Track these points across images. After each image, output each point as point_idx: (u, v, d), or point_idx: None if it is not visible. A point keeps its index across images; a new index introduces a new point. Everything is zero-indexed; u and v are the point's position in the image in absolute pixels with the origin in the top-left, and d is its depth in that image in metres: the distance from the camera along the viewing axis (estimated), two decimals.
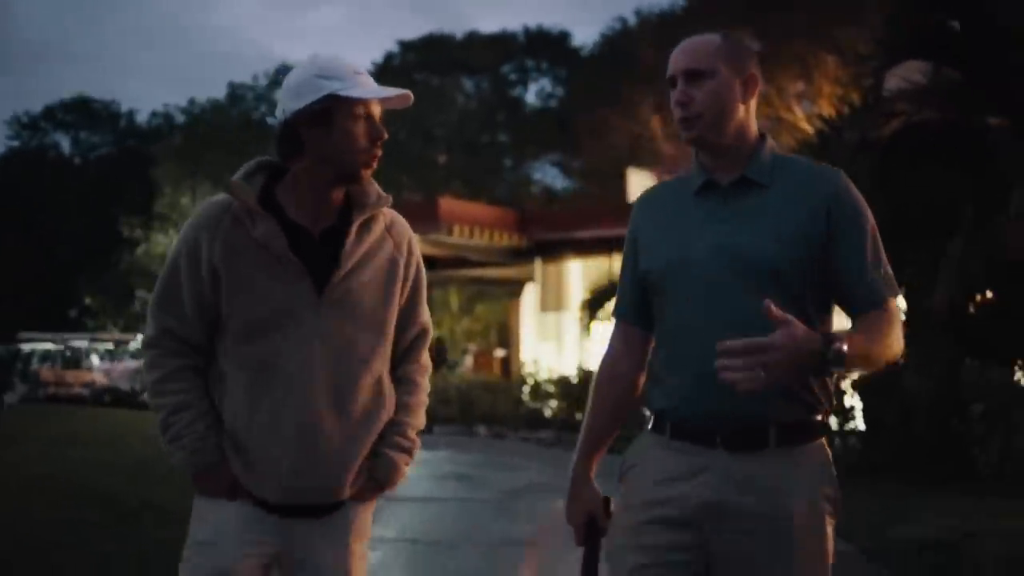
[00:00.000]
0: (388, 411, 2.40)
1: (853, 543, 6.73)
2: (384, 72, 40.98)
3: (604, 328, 16.85)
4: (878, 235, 2.20)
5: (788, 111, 30.64)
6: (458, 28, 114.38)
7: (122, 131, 51.22)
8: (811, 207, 2.17)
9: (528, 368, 18.78)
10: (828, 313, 2.24)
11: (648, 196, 2.43)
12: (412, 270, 2.45)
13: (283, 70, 41.21)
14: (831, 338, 1.97)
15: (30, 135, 50.23)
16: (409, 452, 2.42)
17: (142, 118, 52.50)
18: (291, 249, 2.29)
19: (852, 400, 11.40)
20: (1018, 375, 10.57)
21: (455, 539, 7.21)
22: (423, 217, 20.59)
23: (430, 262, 23.88)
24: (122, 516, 6.85)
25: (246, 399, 2.29)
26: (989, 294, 10.83)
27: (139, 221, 37.33)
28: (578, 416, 15.18)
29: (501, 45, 41.63)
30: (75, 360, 28.02)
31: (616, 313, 2.46)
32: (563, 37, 42.28)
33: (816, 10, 29.67)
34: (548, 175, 41.38)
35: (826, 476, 2.19)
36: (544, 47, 41.87)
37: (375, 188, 2.39)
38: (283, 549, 2.32)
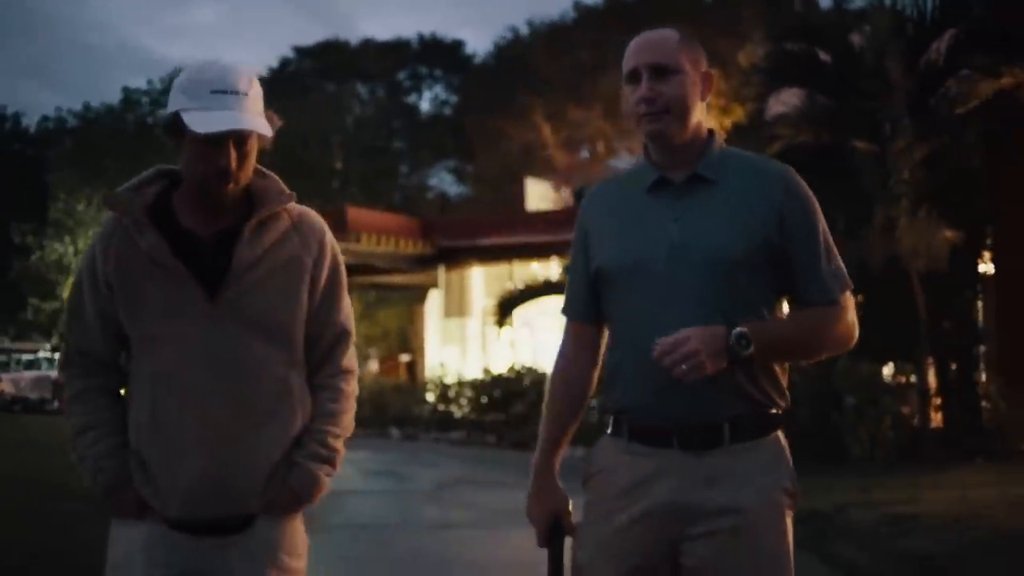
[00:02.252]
0: (300, 418, 2.28)
1: None
2: (280, 78, 41.15)
3: (510, 332, 17.80)
4: (827, 230, 2.25)
5: None
6: (345, 29, 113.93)
7: (7, 135, 50.02)
8: (764, 202, 2.19)
9: (434, 372, 19.52)
10: (778, 304, 2.27)
11: (597, 194, 2.42)
12: (324, 270, 2.31)
13: (178, 74, 41.07)
14: (741, 337, 2.05)
15: None
16: (329, 462, 2.29)
17: (28, 121, 51.28)
18: (181, 256, 2.21)
19: None
20: (884, 370, 11.88)
21: (397, 523, 8.10)
22: (331, 225, 21.16)
23: None
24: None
25: (147, 413, 2.23)
26: (860, 298, 12.11)
27: (31, 228, 36.84)
28: (488, 417, 16.06)
29: (396, 52, 42.13)
30: None
31: (567, 312, 2.43)
32: (456, 45, 42.97)
33: (700, 24, 31.07)
34: (444, 181, 42.10)
35: (782, 469, 2.22)
36: (438, 55, 42.46)
37: (276, 185, 2.32)
38: (196, 569, 2.23)
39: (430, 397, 18.25)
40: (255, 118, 2.19)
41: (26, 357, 29.53)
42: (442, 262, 22.17)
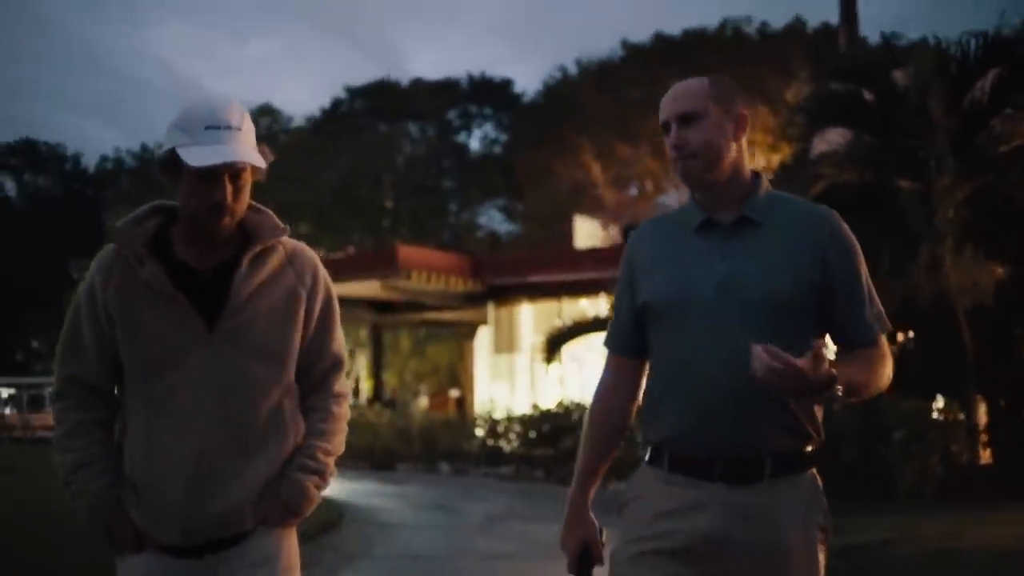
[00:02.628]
0: (291, 440, 2.36)
1: None
2: (332, 118, 41.93)
3: (559, 368, 17.97)
4: (867, 271, 2.31)
5: None
6: (398, 67, 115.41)
7: (68, 174, 51.41)
8: (808, 246, 2.24)
9: (483, 407, 19.70)
10: (821, 340, 2.26)
11: (645, 231, 2.47)
12: (317, 302, 2.41)
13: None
14: (834, 381, 2.02)
15: None
16: (319, 474, 2.37)
17: (87, 160, 52.66)
18: (179, 288, 2.28)
19: None
20: (933, 406, 11.86)
21: (449, 554, 8.29)
22: (382, 262, 21.59)
23: (386, 306, 24.83)
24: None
25: (143, 440, 2.28)
26: (909, 334, 12.15)
27: (89, 264, 37.75)
28: (536, 452, 16.19)
29: (446, 92, 42.76)
30: (38, 403, 28.28)
31: (609, 345, 2.48)
32: (506, 84, 43.56)
33: (748, 62, 31.19)
34: (493, 219, 42.50)
35: (818, 506, 2.26)
36: (487, 94, 43.05)
37: (270, 220, 2.38)
38: None
39: (479, 432, 18.42)
40: (248, 151, 2.24)
41: None
42: (492, 299, 22.40)
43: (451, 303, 22.91)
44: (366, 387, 34.56)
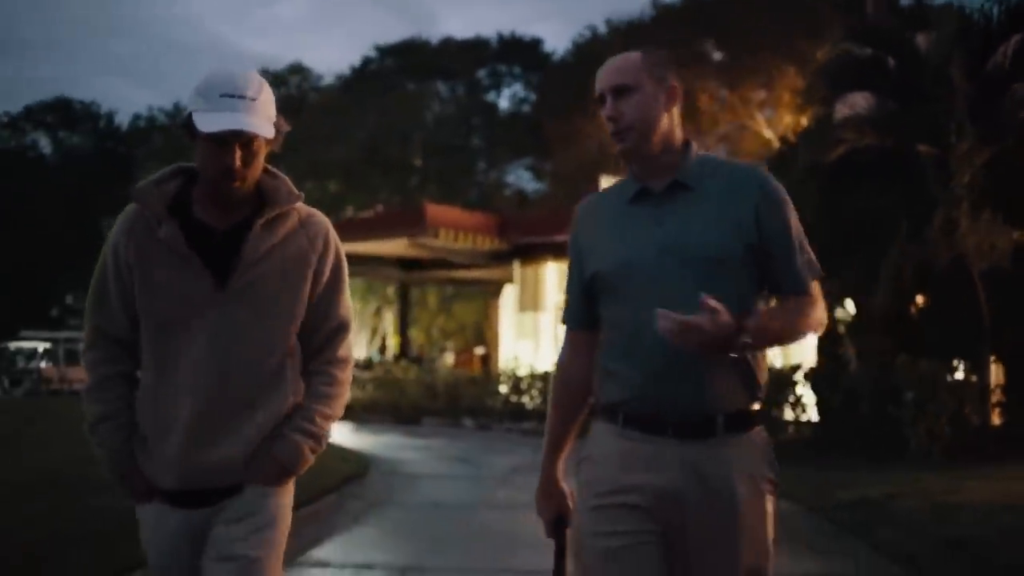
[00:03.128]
0: (289, 400, 2.43)
1: (801, 504, 8.20)
2: (362, 76, 42.08)
3: None
4: (799, 225, 2.38)
5: (751, 118, 32.04)
6: (429, 26, 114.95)
7: (101, 132, 51.89)
8: (740, 203, 2.32)
9: (507, 364, 20.01)
10: (758, 293, 2.40)
11: (587, 206, 2.55)
12: (327, 265, 2.48)
13: (263, 73, 42.07)
14: (742, 332, 2.16)
15: (9, 134, 50.77)
16: (315, 437, 2.44)
17: (120, 119, 53.12)
18: (194, 247, 2.36)
19: (804, 391, 12.86)
20: (948, 368, 12.06)
21: (472, 503, 8.65)
22: (411, 221, 21.84)
23: (414, 264, 25.12)
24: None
25: (151, 391, 2.40)
26: (923, 299, 12.34)
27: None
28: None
29: (475, 51, 42.73)
30: (74, 357, 28.79)
31: (565, 320, 2.58)
32: (535, 44, 43.46)
33: (777, 22, 31.00)
34: (521, 178, 42.63)
35: (766, 460, 2.35)
36: (517, 53, 42.95)
37: (286, 186, 2.46)
38: (195, 536, 2.40)
39: (503, 389, 18.73)
40: (259, 121, 2.31)
41: None
42: (517, 258, 22.58)
43: (478, 261, 23.14)
44: (392, 344, 35.01)
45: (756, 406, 2.37)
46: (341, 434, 14.61)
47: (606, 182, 27.26)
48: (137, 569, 5.08)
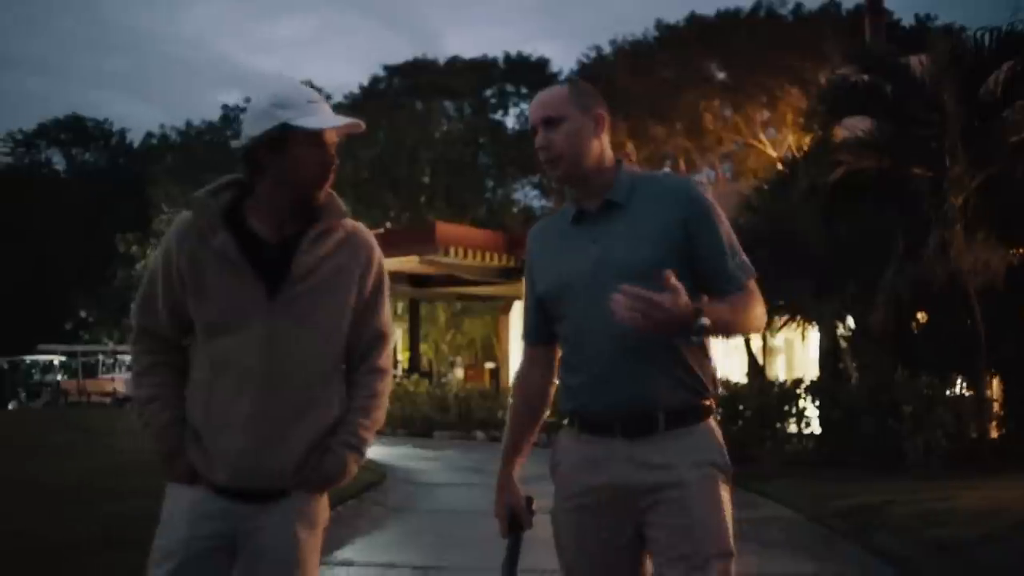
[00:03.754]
0: (335, 408, 2.53)
1: (801, 513, 8.61)
2: (370, 95, 42.63)
3: None
4: (731, 229, 2.48)
5: (755, 138, 32.47)
6: (433, 44, 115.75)
7: (114, 149, 52.48)
8: (668, 214, 2.44)
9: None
10: (697, 300, 2.41)
11: (537, 230, 2.72)
12: (370, 279, 2.58)
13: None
14: (700, 313, 2.25)
15: (24, 152, 51.39)
16: (358, 450, 2.54)
17: (133, 137, 53.67)
18: (247, 258, 2.44)
19: (806, 404, 13.24)
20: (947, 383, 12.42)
21: (488, 510, 9.01)
22: (421, 239, 22.26)
23: (424, 280, 25.54)
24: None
25: (205, 393, 2.48)
26: (921, 315, 12.72)
27: (135, 238, 38.84)
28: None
29: (482, 71, 43.27)
30: (92, 370, 29.25)
31: (523, 336, 2.75)
32: (542, 64, 43.94)
33: (780, 43, 31.48)
34: (528, 196, 43.07)
35: (713, 448, 2.47)
36: (523, 73, 43.41)
37: (336, 202, 2.55)
38: (233, 530, 2.47)
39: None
40: (343, 117, 2.49)
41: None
42: (525, 274, 22.94)
43: (487, 278, 23.52)
44: (403, 358, 35.43)
45: (704, 401, 2.48)
46: None
47: None
48: None
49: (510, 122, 44.05)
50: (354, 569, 6.41)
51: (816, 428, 13.08)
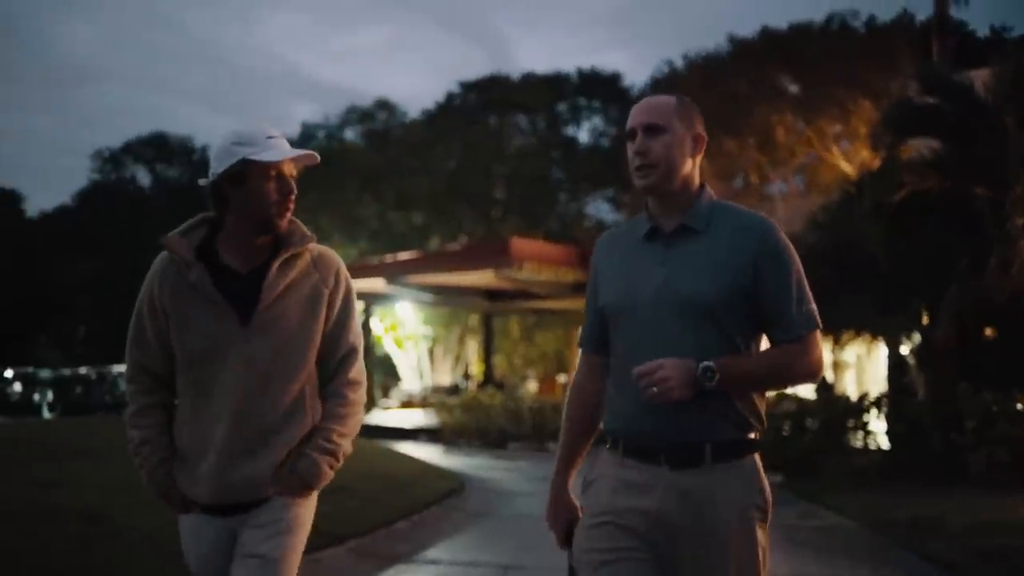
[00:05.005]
0: (309, 421, 2.69)
1: (860, 522, 9.00)
2: (446, 110, 43.47)
3: None
4: (803, 275, 2.45)
5: (827, 151, 32.48)
6: (502, 54, 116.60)
7: (196, 164, 54.05)
8: (740, 252, 2.40)
9: None
10: (754, 340, 2.47)
11: (605, 240, 2.67)
12: (338, 298, 2.73)
13: (353, 110, 43.78)
14: (702, 359, 2.30)
15: (110, 168, 53.20)
16: (332, 454, 2.68)
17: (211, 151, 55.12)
18: (221, 289, 2.61)
19: (871, 418, 13.55)
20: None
21: None
22: (496, 254, 22.86)
23: (498, 294, 26.09)
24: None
25: (188, 416, 2.67)
26: (986, 331, 12.97)
27: None
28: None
29: (555, 85, 43.79)
30: None
31: (581, 344, 2.70)
32: (614, 78, 44.31)
33: (852, 56, 31.47)
34: (600, 210, 43.43)
35: (755, 488, 2.42)
36: (596, 87, 43.88)
37: (299, 229, 2.70)
38: (228, 541, 2.68)
39: None
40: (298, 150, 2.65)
41: None
42: None
43: (559, 292, 24.00)
44: (476, 370, 36.06)
45: (750, 436, 2.45)
46: (435, 455, 15.65)
47: None
48: None
49: (583, 136, 44.52)
50: (441, 567, 6.99)
51: (882, 442, 13.37)
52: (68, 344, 43.62)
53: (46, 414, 30.70)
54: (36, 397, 33.74)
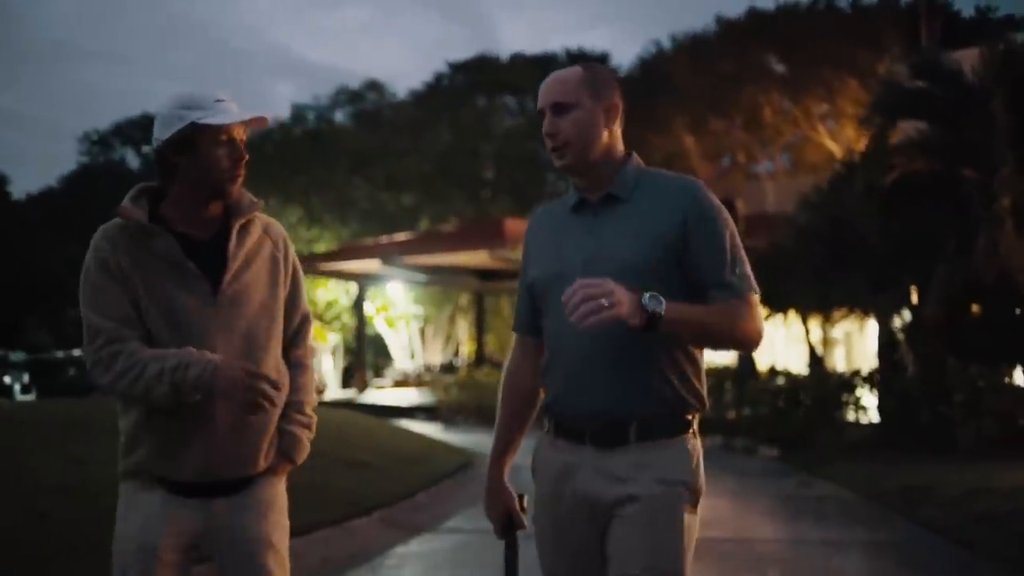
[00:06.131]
0: (286, 389, 2.58)
1: (856, 491, 9.43)
2: (435, 91, 43.67)
3: None
4: (737, 238, 2.34)
5: (814, 130, 32.86)
6: (487, 32, 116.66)
7: None
8: (669, 215, 2.30)
9: None
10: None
11: (536, 216, 2.59)
12: (290, 265, 2.64)
13: (342, 91, 43.90)
14: (656, 301, 2.11)
15: (99, 151, 53.23)
16: (308, 427, 2.63)
17: None
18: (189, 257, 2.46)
19: (863, 393, 14.01)
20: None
21: None
22: (490, 235, 23.24)
23: (491, 273, 26.44)
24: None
25: None
26: (974, 309, 13.40)
27: None
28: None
29: (544, 66, 43.95)
30: None
31: (514, 326, 2.61)
32: (602, 59, 44.50)
33: (839, 36, 31.80)
34: None
35: (683, 468, 2.32)
36: None
37: (247, 196, 2.56)
38: (207, 527, 2.48)
39: None
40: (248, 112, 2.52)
41: None
42: None
43: None
44: (467, 350, 36.41)
45: (683, 415, 2.36)
46: (436, 432, 16.00)
47: None
48: None
49: None
50: (462, 535, 7.38)
51: (873, 416, 13.83)
52: (58, 326, 43.70)
53: (18, 396, 31.01)
54: (7, 379, 34.08)
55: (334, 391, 29.40)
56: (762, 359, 16.59)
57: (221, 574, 2.53)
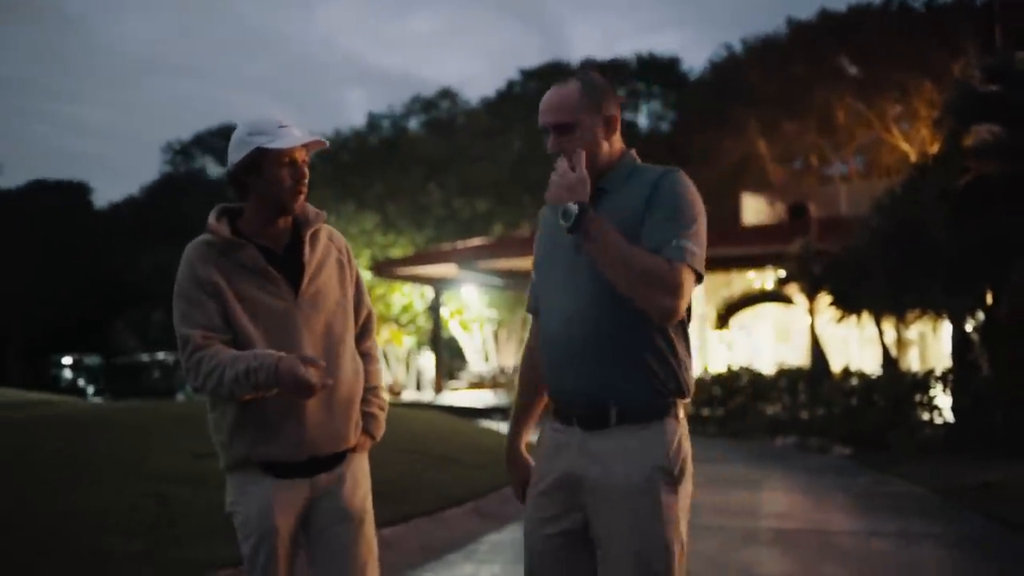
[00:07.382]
0: (363, 376, 2.92)
1: (930, 489, 9.64)
2: (507, 98, 44.12)
3: (728, 335, 19.55)
4: (699, 222, 2.39)
5: (887, 132, 32.63)
6: (557, 37, 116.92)
7: None
8: (639, 199, 2.42)
9: None
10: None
11: (544, 210, 2.71)
12: (353, 268, 2.94)
13: (416, 99, 44.61)
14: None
15: (180, 160, 54.63)
16: (383, 408, 2.99)
17: None
18: (272, 265, 2.76)
19: (940, 396, 14.09)
20: None
21: None
22: None
23: None
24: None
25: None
26: None
27: None
28: (703, 411, 17.61)
29: (614, 71, 44.18)
30: None
31: (528, 309, 2.74)
32: (673, 62, 44.66)
33: (911, 37, 31.53)
34: None
35: (661, 451, 2.39)
36: (655, 72, 44.20)
37: (311, 209, 2.86)
38: (312, 500, 2.80)
39: None
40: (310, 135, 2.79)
41: None
42: None
43: None
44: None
45: (663, 399, 2.44)
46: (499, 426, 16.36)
47: (749, 200, 28.44)
48: None
49: (641, 121, 44.84)
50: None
51: (947, 416, 13.91)
52: (143, 330, 45.02)
53: (91, 397, 32.30)
54: (81, 382, 35.35)
55: (412, 392, 30.02)
56: (836, 360, 16.72)
57: (320, 541, 2.81)
